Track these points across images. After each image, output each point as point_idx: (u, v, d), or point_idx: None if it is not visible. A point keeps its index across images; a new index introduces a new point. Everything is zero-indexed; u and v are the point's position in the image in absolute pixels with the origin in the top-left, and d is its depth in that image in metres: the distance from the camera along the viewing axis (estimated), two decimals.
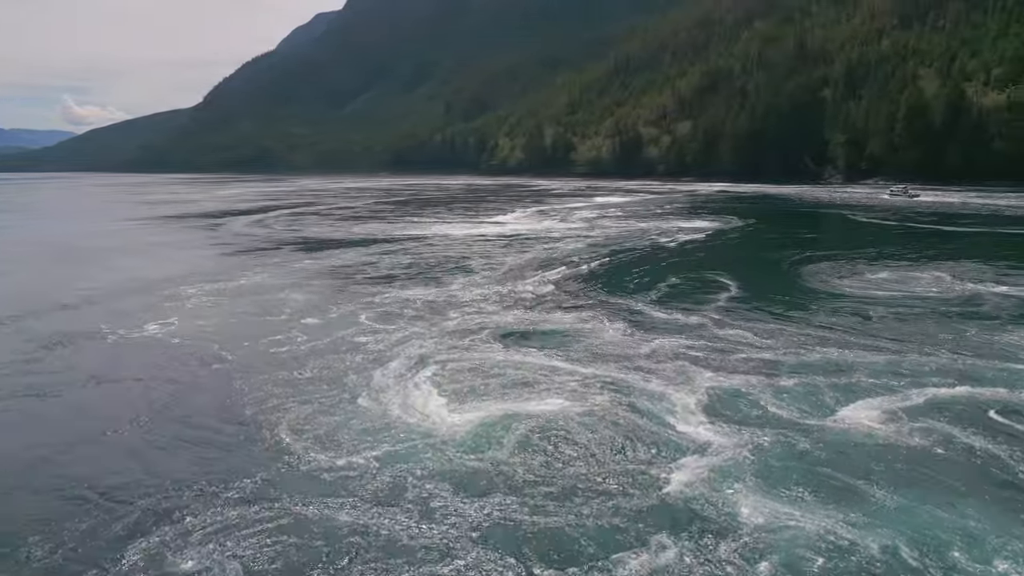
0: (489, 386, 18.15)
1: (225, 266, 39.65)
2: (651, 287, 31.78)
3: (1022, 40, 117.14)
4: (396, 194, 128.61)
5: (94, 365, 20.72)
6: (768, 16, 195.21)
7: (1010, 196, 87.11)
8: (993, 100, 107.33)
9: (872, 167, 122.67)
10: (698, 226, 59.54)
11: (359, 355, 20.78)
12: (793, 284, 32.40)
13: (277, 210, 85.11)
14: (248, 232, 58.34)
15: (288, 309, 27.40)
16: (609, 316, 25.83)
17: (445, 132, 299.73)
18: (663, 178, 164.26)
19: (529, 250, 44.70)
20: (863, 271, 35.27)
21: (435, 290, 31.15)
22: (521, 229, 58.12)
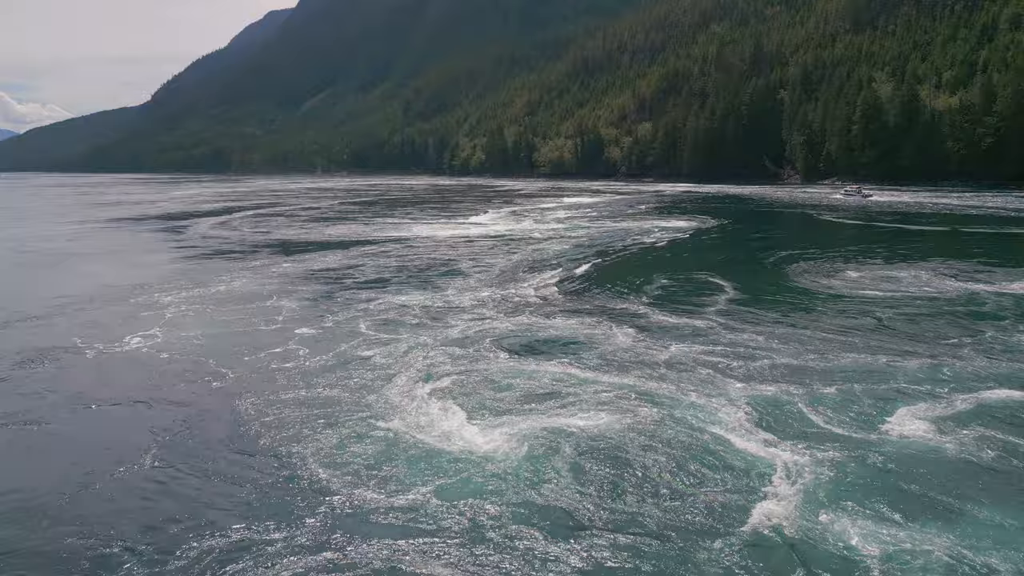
0: (518, 401, 16.97)
1: (200, 271, 37.55)
2: (647, 289, 30.98)
3: (970, 45, 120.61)
4: (360, 195, 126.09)
5: (78, 387, 18.67)
6: (723, 19, 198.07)
7: (963, 195, 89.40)
8: (945, 102, 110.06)
9: (829, 167, 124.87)
10: (676, 226, 59.27)
11: (369, 370, 19.35)
12: (786, 284, 31.97)
13: (241, 211, 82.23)
14: (216, 235, 55.87)
15: (280, 318, 25.75)
16: (614, 320, 24.87)
17: (404, 132, 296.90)
18: (625, 179, 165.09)
19: (516, 252, 43.59)
20: (849, 269, 35.21)
21: (430, 295, 29.81)
22: (501, 230, 56.99)
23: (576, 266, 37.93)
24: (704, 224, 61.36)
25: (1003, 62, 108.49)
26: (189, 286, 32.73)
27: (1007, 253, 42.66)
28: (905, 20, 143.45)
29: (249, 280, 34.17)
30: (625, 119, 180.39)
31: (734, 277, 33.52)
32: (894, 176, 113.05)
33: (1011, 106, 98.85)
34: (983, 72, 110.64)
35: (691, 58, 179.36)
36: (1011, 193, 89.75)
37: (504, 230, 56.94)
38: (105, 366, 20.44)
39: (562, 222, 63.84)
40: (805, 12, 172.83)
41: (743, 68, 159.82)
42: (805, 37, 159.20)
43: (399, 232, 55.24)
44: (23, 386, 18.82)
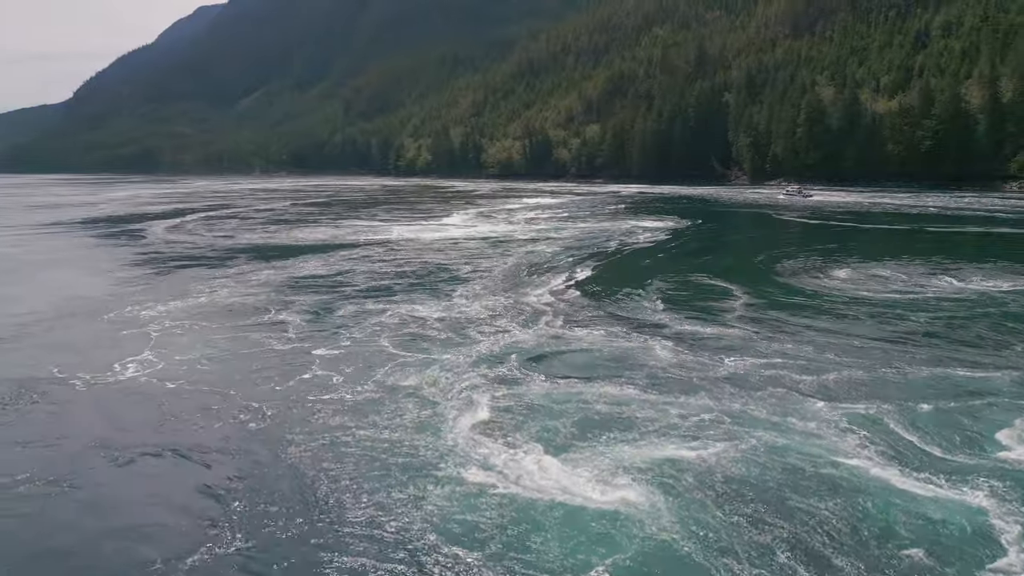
0: (590, 431, 15.14)
1: (173, 279, 34.36)
2: (658, 293, 29.63)
3: (905, 51, 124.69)
4: (310, 196, 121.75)
5: (79, 433, 15.66)
6: (665, 23, 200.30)
7: (901, 195, 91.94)
8: (885, 106, 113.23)
9: (776, 169, 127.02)
10: (652, 226, 58.58)
11: (412, 400, 17.09)
12: (792, 286, 31.04)
13: (192, 213, 77.64)
14: (175, 239, 51.97)
15: (289, 335, 23.22)
16: (643, 331, 23.33)
17: (346, 132, 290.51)
18: (575, 180, 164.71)
19: (508, 254, 41.74)
20: (838, 269, 35.05)
21: (440, 304, 27.71)
22: (483, 232, 54.91)
23: (576, 269, 36.37)
24: (679, 224, 60.89)
25: (938, 67, 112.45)
26: (167, 297, 29.72)
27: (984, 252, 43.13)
28: (842, 26, 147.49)
29: (233, 290, 31.33)
30: (572, 120, 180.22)
31: (736, 279, 32.60)
32: (839, 177, 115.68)
33: (949, 110, 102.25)
34: (919, 77, 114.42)
35: (636, 60, 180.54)
36: (951, 193, 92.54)
37: (486, 231, 54.97)
38: (104, 403, 17.46)
39: (538, 223, 62.27)
40: (745, 17, 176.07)
41: (688, 71, 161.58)
42: (746, 41, 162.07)
43: (377, 235, 52.53)
44: (11, 432, 15.91)
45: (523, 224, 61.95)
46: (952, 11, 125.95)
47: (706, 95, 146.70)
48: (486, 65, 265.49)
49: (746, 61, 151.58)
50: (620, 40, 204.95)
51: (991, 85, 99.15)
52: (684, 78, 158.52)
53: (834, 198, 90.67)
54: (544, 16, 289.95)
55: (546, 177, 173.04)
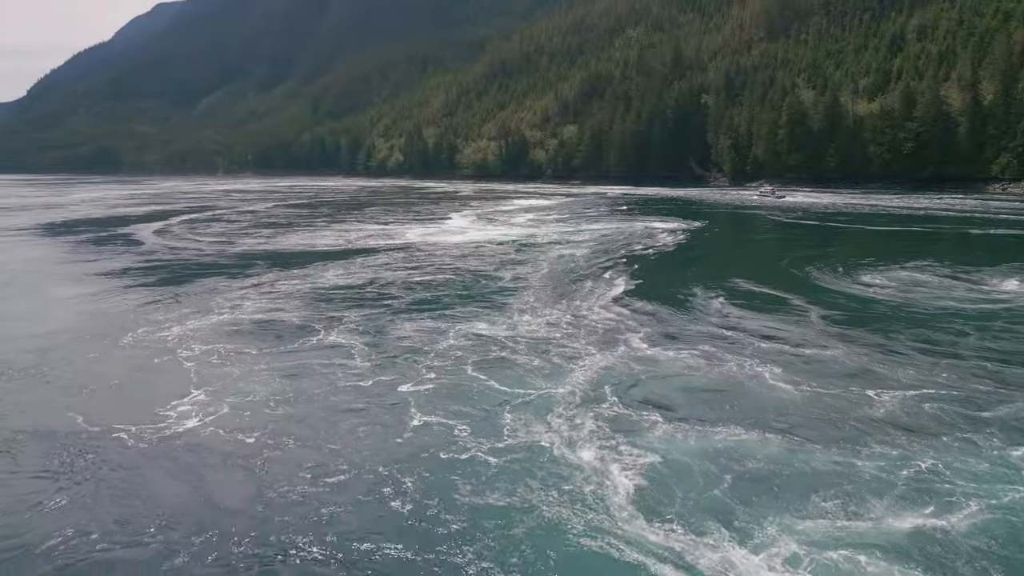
0: (765, 499, 12.71)
1: (190, 292, 30.93)
2: (721, 302, 27.53)
3: (882, 54, 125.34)
4: (288, 197, 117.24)
5: (151, 509, 12.27)
6: (638, 24, 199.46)
7: (883, 196, 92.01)
8: (865, 108, 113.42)
9: (757, 170, 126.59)
10: (664, 227, 57.24)
11: (540, 457, 14.24)
12: (856, 296, 29.08)
13: (174, 216, 73.10)
14: (174, 245, 48.00)
15: (352, 363, 20.25)
16: (737, 351, 21.14)
17: (314, 132, 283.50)
18: (551, 181, 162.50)
19: (538, 260, 39.11)
20: (856, 274, 33.44)
21: (500, 320, 25.01)
22: (497, 235, 52.12)
23: (617, 275, 33.95)
24: (687, 225, 59.51)
25: (916, 70, 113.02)
26: (188, 313, 26.46)
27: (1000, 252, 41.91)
28: (816, 29, 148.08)
29: (258, 303, 28.12)
30: (548, 121, 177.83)
31: (786, 285, 30.82)
32: (821, 178, 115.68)
33: (930, 112, 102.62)
34: (898, 80, 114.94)
35: (611, 61, 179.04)
36: (936, 195, 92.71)
37: (500, 235, 52.20)
38: (167, 472, 13.85)
39: (547, 225, 59.71)
40: (719, 19, 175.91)
41: (664, 72, 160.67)
42: (722, 43, 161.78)
43: (392, 239, 49.24)
44: (55, 507, 12.66)
45: (534, 227, 59.43)
46: (926, 15, 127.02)
47: (684, 96, 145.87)
48: (457, 65, 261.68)
49: (723, 63, 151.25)
50: (594, 41, 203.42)
51: (972, 88, 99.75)
52: (661, 79, 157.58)
53: (807, 199, 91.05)
54: (513, 16, 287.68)
55: (522, 178, 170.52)
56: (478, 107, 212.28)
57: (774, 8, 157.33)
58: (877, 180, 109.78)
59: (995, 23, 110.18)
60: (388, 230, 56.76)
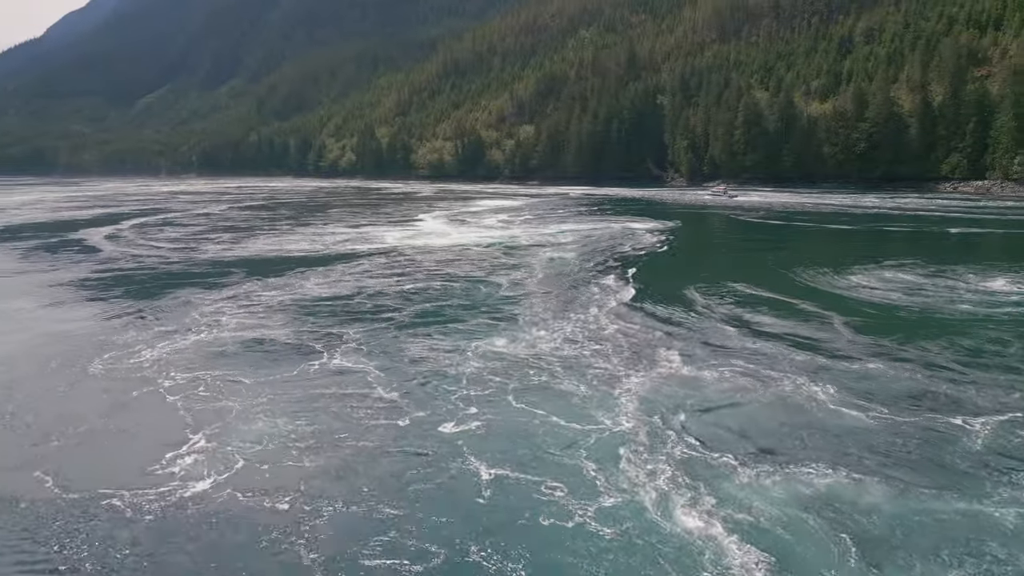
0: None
1: (160, 306, 27.64)
2: (734, 308, 25.74)
3: (831, 56, 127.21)
4: (242, 198, 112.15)
5: None
6: (591, 25, 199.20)
7: (839, 196, 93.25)
8: (820, 109, 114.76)
9: (713, 171, 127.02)
10: (642, 227, 56.55)
11: (608, 516, 12.32)
12: (844, 294, 27.74)
13: (124, 220, 68.15)
14: (128, 251, 43.88)
15: (369, 394, 17.65)
16: (781, 367, 19.34)
17: (261, 132, 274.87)
18: (509, 181, 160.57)
19: (529, 264, 36.94)
20: (851, 275, 32.46)
21: (514, 335, 22.66)
22: (479, 238, 49.61)
23: (616, 279, 32.13)
24: (664, 225, 59.00)
25: (865, 72, 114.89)
26: (162, 332, 23.41)
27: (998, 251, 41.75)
28: (767, 32, 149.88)
29: (239, 318, 25.19)
30: (504, 121, 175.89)
31: (794, 290, 29.44)
32: (777, 178, 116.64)
33: (882, 113, 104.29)
34: (848, 81, 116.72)
35: (566, 62, 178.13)
36: (889, 196, 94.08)
37: (481, 238, 49.78)
38: (186, 552, 10.98)
39: (524, 226, 57.54)
40: (671, 21, 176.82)
41: (619, 73, 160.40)
42: (675, 45, 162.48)
43: (369, 243, 46.17)
44: None
45: (510, 228, 57.29)
46: (873, 18, 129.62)
47: (640, 97, 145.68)
48: (408, 65, 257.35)
49: (676, 64, 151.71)
50: (547, 42, 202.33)
51: (921, 90, 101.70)
52: (617, 80, 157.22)
53: (763, 199, 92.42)
54: (464, 16, 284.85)
55: (479, 179, 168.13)
56: (431, 107, 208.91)
57: (725, 11, 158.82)
58: (831, 180, 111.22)
59: (940, 27, 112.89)
60: (361, 233, 53.73)
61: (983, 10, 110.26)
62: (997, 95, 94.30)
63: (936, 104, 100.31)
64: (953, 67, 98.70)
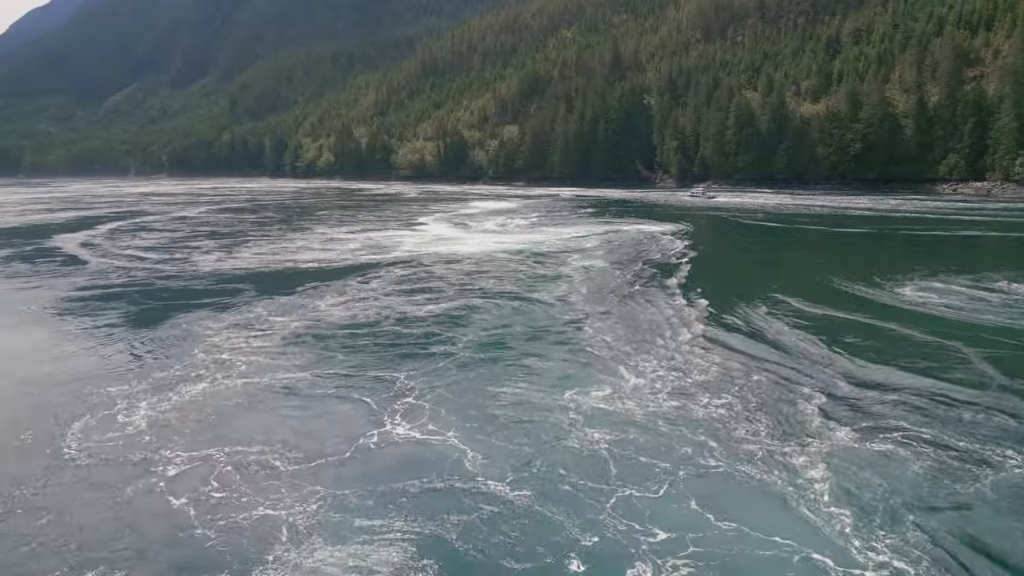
0: None
1: (151, 335, 22.56)
2: (835, 341, 21.33)
3: (820, 56, 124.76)
4: (219, 200, 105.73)
5: None
6: (572, 24, 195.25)
7: (837, 197, 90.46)
8: (813, 109, 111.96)
9: (704, 172, 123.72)
10: (656, 231, 53.49)
11: None
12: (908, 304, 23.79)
13: (98, 224, 61.99)
14: (107, 261, 38.17)
15: (480, 488, 12.93)
16: (967, 436, 15.05)
17: (234, 131, 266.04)
18: (494, 182, 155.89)
19: (562, 273, 32.66)
20: (899, 282, 28.35)
21: (591, 375, 18.16)
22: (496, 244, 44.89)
23: (672, 295, 27.90)
24: (677, 228, 55.80)
25: (856, 72, 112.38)
26: (162, 376, 18.52)
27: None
28: (752, 31, 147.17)
29: (255, 356, 20.28)
30: (487, 121, 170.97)
31: (866, 307, 25.25)
32: (770, 179, 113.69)
33: (877, 113, 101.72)
34: (839, 82, 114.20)
35: (549, 61, 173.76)
36: (888, 197, 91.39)
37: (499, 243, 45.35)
38: None
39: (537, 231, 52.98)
40: (654, 20, 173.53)
41: (604, 72, 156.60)
42: (659, 44, 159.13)
43: (384, 252, 40.96)
44: None
45: (522, 232, 52.95)
46: (860, 18, 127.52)
47: (627, 97, 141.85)
48: (385, 64, 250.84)
49: (661, 64, 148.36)
50: (528, 41, 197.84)
51: (917, 90, 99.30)
52: (602, 80, 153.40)
53: (735, 199, 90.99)
54: (442, 15, 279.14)
55: (462, 179, 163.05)
56: (411, 106, 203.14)
57: (709, 10, 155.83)
58: (825, 181, 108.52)
59: (930, 27, 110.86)
60: (364, 239, 48.65)
61: (973, 11, 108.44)
62: (994, 95, 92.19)
63: (932, 105, 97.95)
64: (949, 67, 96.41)
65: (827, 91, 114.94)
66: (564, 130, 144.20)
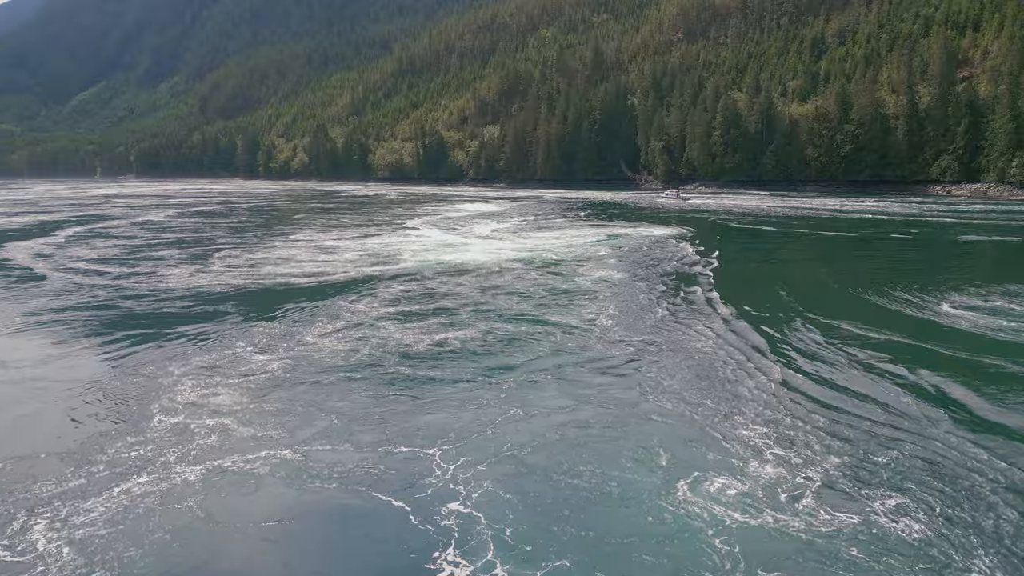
0: None
1: (115, 394, 17.38)
2: (939, 388, 17.23)
3: (805, 57, 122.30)
4: (191, 203, 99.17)
5: None
6: (551, 24, 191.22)
7: (831, 200, 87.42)
8: (801, 110, 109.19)
9: (690, 173, 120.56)
10: (661, 234, 49.86)
11: None
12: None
13: (57, 230, 55.75)
14: (63, 277, 32.51)
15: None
16: None
17: (204, 131, 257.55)
18: (475, 184, 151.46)
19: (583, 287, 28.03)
20: (932, 291, 24.38)
21: (683, 445, 13.67)
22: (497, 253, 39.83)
23: (709, 316, 23.12)
24: (679, 231, 52.41)
25: (842, 73, 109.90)
26: (130, 453, 13.52)
27: None
28: (735, 32, 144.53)
29: (244, 418, 15.35)
30: (467, 122, 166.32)
31: (933, 333, 20.89)
32: (758, 181, 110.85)
33: (867, 114, 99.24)
34: (825, 83, 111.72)
35: (530, 61, 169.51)
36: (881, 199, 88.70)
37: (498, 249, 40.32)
38: None
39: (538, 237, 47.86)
40: (634, 20, 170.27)
41: (586, 73, 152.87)
42: (641, 44, 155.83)
43: (372, 264, 35.70)
44: None
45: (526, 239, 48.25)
46: (845, 19, 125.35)
47: (611, 98, 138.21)
48: (360, 63, 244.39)
49: (644, 64, 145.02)
50: (507, 41, 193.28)
51: (908, 91, 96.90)
52: (584, 80, 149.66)
53: (710, 200, 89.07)
54: (416, 14, 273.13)
55: (442, 181, 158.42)
56: (388, 106, 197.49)
57: (691, 10, 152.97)
58: (815, 183, 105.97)
59: (916, 28, 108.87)
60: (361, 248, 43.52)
61: (960, 11, 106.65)
62: (987, 96, 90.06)
63: (923, 106, 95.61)
64: (940, 68, 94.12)
65: (814, 92, 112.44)
66: (546, 131, 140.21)
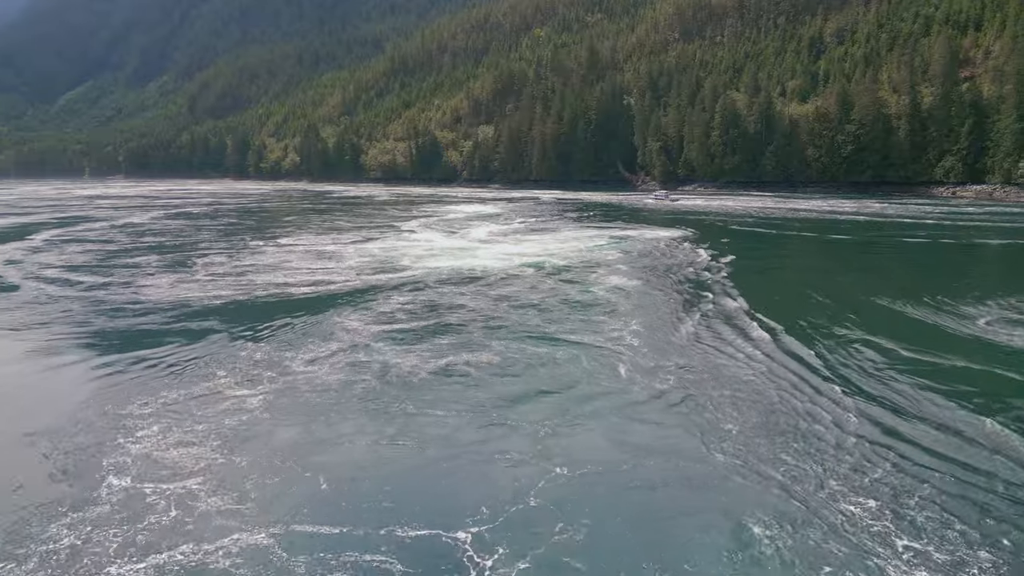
0: None
1: (83, 444, 14.89)
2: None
3: (804, 57, 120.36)
4: (179, 204, 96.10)
5: None
6: (545, 24, 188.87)
7: (833, 201, 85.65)
8: (801, 110, 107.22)
9: (689, 174, 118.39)
10: (670, 237, 48.54)
11: None
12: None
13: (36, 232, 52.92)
14: (36, 290, 29.90)
15: None
16: None
17: (194, 131, 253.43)
18: (469, 184, 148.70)
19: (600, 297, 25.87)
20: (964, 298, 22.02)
21: (760, 518, 11.35)
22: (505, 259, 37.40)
23: (743, 335, 20.98)
24: (686, 234, 50.98)
25: (842, 72, 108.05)
26: (101, 517, 11.01)
27: None
28: (732, 31, 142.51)
29: (257, 474, 12.91)
30: (460, 122, 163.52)
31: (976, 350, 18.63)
32: (758, 182, 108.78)
33: (868, 114, 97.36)
34: (825, 83, 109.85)
35: (524, 61, 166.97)
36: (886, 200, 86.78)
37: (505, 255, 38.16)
38: None
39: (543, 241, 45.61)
40: (629, 20, 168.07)
41: (581, 72, 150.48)
42: (636, 44, 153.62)
43: (372, 272, 33.10)
44: None
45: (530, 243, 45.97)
46: (843, 19, 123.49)
47: (607, 97, 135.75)
48: (352, 63, 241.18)
49: (640, 64, 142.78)
50: (500, 40, 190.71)
51: (911, 91, 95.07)
52: (580, 80, 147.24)
53: (698, 201, 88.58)
54: (408, 14, 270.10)
55: (435, 182, 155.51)
56: (380, 106, 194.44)
57: (687, 10, 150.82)
58: (816, 184, 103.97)
59: (917, 27, 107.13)
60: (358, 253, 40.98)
61: (960, 10, 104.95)
62: (991, 96, 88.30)
63: (925, 106, 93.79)
64: (942, 68, 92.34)
65: (814, 92, 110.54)
66: (541, 131, 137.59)
